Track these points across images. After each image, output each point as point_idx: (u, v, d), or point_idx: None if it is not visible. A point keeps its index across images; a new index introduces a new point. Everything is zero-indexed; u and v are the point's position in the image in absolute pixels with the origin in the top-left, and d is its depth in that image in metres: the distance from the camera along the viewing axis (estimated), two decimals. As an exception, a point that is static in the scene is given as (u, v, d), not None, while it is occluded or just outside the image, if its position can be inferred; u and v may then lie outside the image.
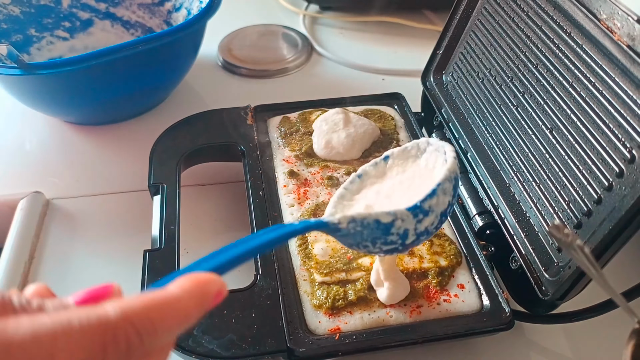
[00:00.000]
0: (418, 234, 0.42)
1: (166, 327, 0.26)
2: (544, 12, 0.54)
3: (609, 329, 0.50)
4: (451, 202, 0.44)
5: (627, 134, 0.43)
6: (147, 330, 0.25)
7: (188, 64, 0.79)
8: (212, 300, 0.28)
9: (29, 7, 0.83)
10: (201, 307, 0.28)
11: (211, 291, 0.28)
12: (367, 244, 0.41)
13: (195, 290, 0.28)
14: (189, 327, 0.27)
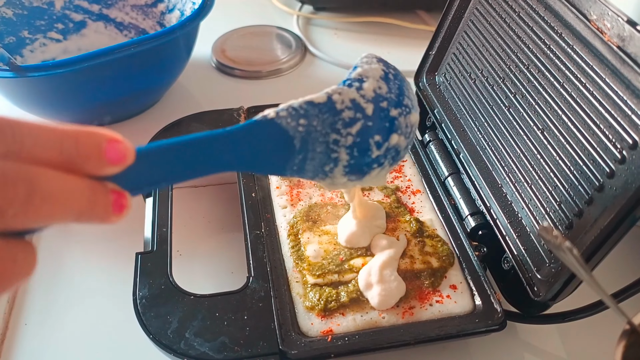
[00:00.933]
0: (372, 100, 0.39)
1: (35, 128, 0.25)
2: (535, 12, 0.54)
3: (602, 329, 0.50)
4: (386, 70, 0.41)
5: (617, 135, 0.43)
6: (8, 122, 0.24)
7: (181, 65, 0.79)
8: (103, 140, 0.27)
9: (21, 9, 0.83)
10: (87, 136, 0.26)
11: (102, 133, 0.27)
12: (333, 137, 0.38)
13: (82, 128, 0.27)
14: (80, 148, 0.26)
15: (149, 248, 0.53)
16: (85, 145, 0.26)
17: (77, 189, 0.26)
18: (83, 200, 0.26)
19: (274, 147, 0.37)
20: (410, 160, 0.63)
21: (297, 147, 0.37)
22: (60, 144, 0.25)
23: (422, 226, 0.55)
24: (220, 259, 0.60)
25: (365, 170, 0.41)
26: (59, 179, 0.25)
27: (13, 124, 0.24)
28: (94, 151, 0.26)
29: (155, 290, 0.49)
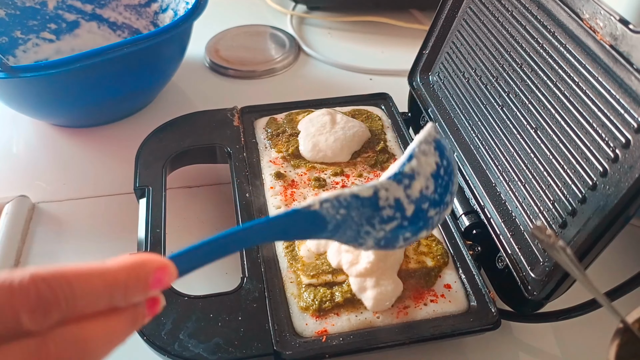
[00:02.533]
0: (415, 201, 0.38)
1: (87, 287, 0.25)
2: (528, 11, 0.54)
3: (596, 327, 0.50)
4: (439, 164, 0.40)
5: (610, 133, 0.44)
6: (61, 285, 0.24)
7: (175, 65, 0.79)
8: (150, 274, 0.28)
9: (14, 9, 0.82)
10: (136, 278, 0.27)
11: (148, 265, 0.28)
12: (366, 229, 0.38)
13: (130, 262, 0.27)
14: (128, 295, 0.27)
15: (143, 249, 0.53)
16: (137, 286, 0.27)
17: (121, 326, 0.28)
18: (125, 331, 0.28)
19: (307, 227, 0.37)
20: (405, 159, 0.63)
21: (329, 229, 0.37)
22: (109, 296, 0.27)
23: (417, 225, 0.55)
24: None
25: (391, 246, 0.40)
26: (106, 330, 0.27)
27: (65, 286, 0.25)
28: (144, 288, 0.28)
29: (149, 291, 0.49)
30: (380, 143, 0.64)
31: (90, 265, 0.26)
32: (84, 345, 0.26)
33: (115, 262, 0.27)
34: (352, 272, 0.49)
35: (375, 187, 0.37)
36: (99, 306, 0.26)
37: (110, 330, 0.27)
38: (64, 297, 0.25)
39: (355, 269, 0.49)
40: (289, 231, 0.37)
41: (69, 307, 0.25)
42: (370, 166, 0.62)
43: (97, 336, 0.26)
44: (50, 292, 0.24)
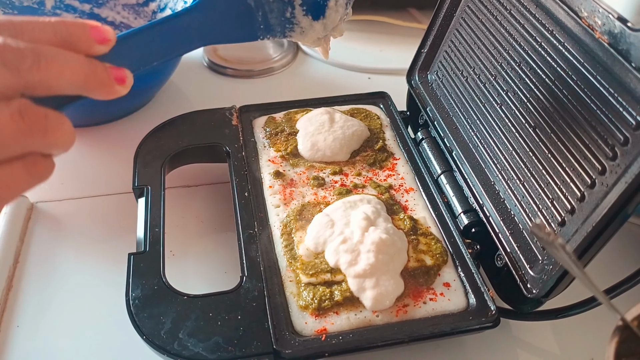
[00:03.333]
0: None
1: (32, 20, 0.31)
2: (526, 10, 0.54)
3: (595, 325, 0.50)
4: None
5: (608, 131, 0.44)
6: (13, 22, 0.30)
7: (173, 64, 0.79)
8: (87, 26, 0.33)
9: (12, 8, 0.82)
10: (76, 24, 0.32)
11: (86, 22, 0.33)
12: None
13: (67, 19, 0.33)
14: (71, 31, 0.32)
15: (142, 248, 0.53)
16: (74, 27, 0.32)
17: (76, 58, 0.31)
18: (84, 68, 0.32)
19: (235, 12, 0.40)
20: (403, 158, 0.63)
21: (253, 5, 0.41)
22: (53, 28, 0.31)
23: (416, 224, 0.55)
24: (214, 259, 0.60)
25: (321, 1, 0.43)
26: (60, 50, 0.31)
27: (10, 21, 0.30)
28: (82, 31, 0.32)
29: (148, 290, 0.49)
30: (379, 142, 0.64)
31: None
32: (37, 52, 0.30)
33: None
34: (350, 273, 0.49)
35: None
36: (45, 34, 0.31)
37: (64, 55, 0.31)
38: (10, 24, 0.30)
39: (354, 270, 0.49)
40: (222, 21, 0.41)
41: (15, 27, 0.30)
42: (369, 165, 0.62)
43: (51, 51, 0.30)
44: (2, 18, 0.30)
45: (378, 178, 0.60)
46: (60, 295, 0.57)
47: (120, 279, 0.50)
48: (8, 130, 0.29)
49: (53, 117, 0.31)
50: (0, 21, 0.30)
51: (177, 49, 0.39)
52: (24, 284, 0.57)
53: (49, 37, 0.31)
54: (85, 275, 0.59)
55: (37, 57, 0.30)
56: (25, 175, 0.31)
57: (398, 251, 0.50)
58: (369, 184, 0.59)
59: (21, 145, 0.30)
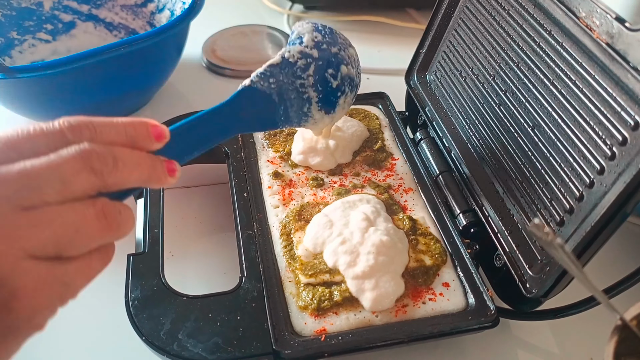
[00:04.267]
0: (313, 46, 0.51)
1: (104, 122, 0.35)
2: (524, 10, 0.54)
3: (594, 324, 0.50)
4: (315, 24, 0.53)
5: (607, 131, 0.44)
6: (85, 120, 0.35)
7: (172, 65, 0.79)
8: (148, 125, 0.38)
9: (10, 9, 0.82)
10: (139, 124, 0.37)
11: (146, 121, 0.38)
12: (299, 83, 0.50)
13: (131, 118, 0.38)
14: (137, 133, 0.37)
15: (141, 249, 0.53)
16: (140, 129, 0.37)
17: (142, 158, 0.37)
18: (148, 165, 0.37)
19: (261, 107, 0.49)
20: (402, 158, 0.63)
21: (277, 101, 0.49)
22: (124, 130, 0.36)
23: (415, 224, 0.55)
24: (213, 260, 0.60)
25: (333, 100, 0.52)
26: (130, 151, 0.36)
27: (90, 122, 0.35)
28: (145, 132, 0.37)
29: (147, 291, 0.49)
30: (378, 142, 0.64)
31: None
32: (113, 152, 0.34)
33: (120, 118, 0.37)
34: (349, 274, 0.49)
35: (280, 54, 0.50)
36: (119, 136, 0.36)
37: (134, 157, 0.36)
38: (91, 125, 0.35)
39: (353, 271, 0.49)
40: (251, 115, 0.49)
41: (96, 131, 0.35)
42: (369, 165, 0.62)
43: (126, 156, 0.35)
44: (80, 121, 0.35)
45: (377, 178, 0.60)
46: (60, 296, 0.57)
47: (119, 280, 0.50)
48: (94, 228, 0.34)
49: (124, 212, 0.36)
50: (81, 121, 0.35)
51: (214, 140, 0.45)
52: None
53: (122, 139, 0.36)
54: (84, 276, 0.59)
55: (116, 161, 0.34)
56: (99, 263, 0.35)
57: (399, 252, 0.51)
58: (368, 184, 0.59)
59: (102, 239, 0.35)
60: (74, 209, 0.33)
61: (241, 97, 0.48)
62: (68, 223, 0.32)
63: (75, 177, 0.33)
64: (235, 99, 0.48)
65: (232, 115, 0.47)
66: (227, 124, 0.47)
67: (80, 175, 0.33)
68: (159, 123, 0.39)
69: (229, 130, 0.47)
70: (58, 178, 0.32)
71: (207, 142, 0.44)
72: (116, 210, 0.35)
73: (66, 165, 0.33)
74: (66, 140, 0.34)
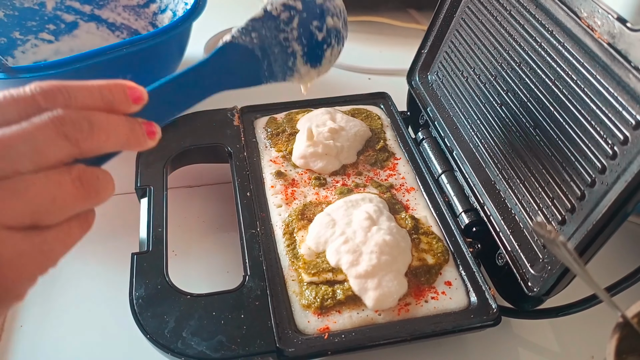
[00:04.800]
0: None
1: (79, 87, 0.34)
2: (526, 10, 0.54)
3: (595, 323, 0.50)
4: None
5: (608, 131, 0.44)
6: (58, 85, 0.33)
7: (174, 65, 0.79)
8: (125, 86, 0.37)
9: (12, 9, 0.82)
10: (115, 85, 0.36)
11: (123, 83, 0.37)
12: (283, 36, 0.47)
13: (107, 80, 0.37)
14: (115, 96, 0.36)
15: (145, 248, 0.53)
16: (116, 92, 0.36)
17: (119, 121, 0.35)
18: (126, 129, 0.36)
19: (243, 63, 0.46)
20: (404, 158, 0.63)
21: (260, 55, 0.47)
22: (100, 94, 0.35)
23: (418, 223, 0.55)
24: (216, 259, 0.60)
25: (319, 53, 0.50)
26: (107, 115, 0.35)
27: (63, 87, 0.34)
28: (123, 95, 0.36)
29: (151, 290, 0.49)
30: (380, 142, 0.64)
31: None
32: (88, 117, 0.33)
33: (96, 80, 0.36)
34: (351, 273, 0.49)
35: (262, 7, 0.47)
36: (94, 100, 0.34)
37: (111, 121, 0.35)
38: (65, 90, 0.33)
39: (356, 270, 0.49)
40: (233, 71, 0.46)
41: (69, 96, 0.33)
42: (371, 165, 0.62)
43: (101, 119, 0.34)
44: (53, 86, 0.33)
45: (379, 178, 0.61)
46: (64, 295, 0.57)
47: (123, 279, 0.51)
48: (71, 196, 0.33)
49: (102, 178, 0.35)
50: (54, 86, 0.34)
51: (195, 98, 0.44)
52: (27, 284, 0.58)
53: (97, 103, 0.35)
54: (88, 275, 0.59)
55: (91, 126, 0.33)
56: (78, 230, 0.35)
57: (402, 251, 0.51)
58: (370, 183, 0.60)
59: (80, 206, 0.34)
60: (48, 177, 0.32)
61: (222, 54, 0.45)
62: (43, 192, 0.32)
63: (49, 145, 0.32)
64: (216, 56, 0.45)
65: (213, 73, 0.45)
66: (208, 83, 0.45)
67: (54, 143, 0.32)
68: (136, 84, 0.38)
69: (209, 89, 0.45)
70: (31, 147, 0.31)
71: (187, 102, 0.43)
72: (94, 176, 0.34)
73: (39, 133, 0.32)
74: (38, 107, 0.33)
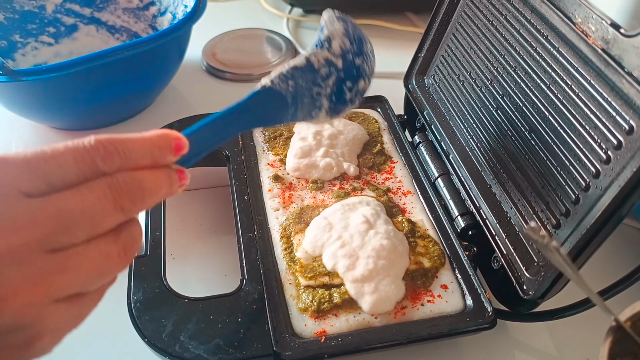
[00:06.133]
0: (340, 55, 0.48)
1: (134, 144, 0.35)
2: (521, 15, 0.55)
3: (591, 325, 0.51)
4: (345, 27, 0.49)
5: (602, 135, 0.44)
6: (117, 142, 0.34)
7: (174, 68, 0.80)
8: (171, 139, 0.37)
9: (12, 12, 0.83)
10: (164, 140, 0.37)
11: (169, 134, 0.37)
12: (316, 90, 0.47)
13: (157, 132, 0.37)
14: (162, 151, 0.37)
15: (143, 252, 0.53)
16: (165, 147, 0.37)
17: (164, 179, 0.37)
18: (167, 184, 0.37)
19: (273, 106, 0.47)
20: (401, 161, 0.64)
21: (289, 102, 0.47)
22: (151, 152, 0.36)
23: (414, 227, 0.55)
24: (214, 262, 0.60)
25: (340, 109, 0.50)
26: (155, 177, 0.36)
27: (120, 145, 0.34)
28: (170, 151, 0.37)
29: (149, 294, 0.50)
30: (377, 145, 0.65)
31: (132, 134, 0.36)
32: (140, 184, 0.35)
33: (147, 133, 0.37)
34: (348, 277, 0.50)
35: (306, 56, 0.47)
36: (145, 159, 0.36)
37: (156, 177, 0.36)
38: (121, 149, 0.34)
39: (352, 274, 0.49)
40: (262, 114, 0.47)
41: (125, 156, 0.34)
42: (368, 168, 0.62)
43: (148, 179, 0.36)
44: (111, 145, 0.34)
45: (376, 181, 0.61)
46: (62, 298, 0.57)
47: (121, 283, 0.50)
48: (116, 267, 0.34)
49: (139, 239, 0.36)
50: (111, 144, 0.34)
51: (224, 139, 0.45)
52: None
53: (148, 161, 0.36)
54: (86, 278, 0.59)
55: (143, 193, 0.35)
56: (107, 287, 0.36)
57: (399, 255, 0.51)
58: (367, 186, 0.60)
59: (119, 272, 0.35)
60: (100, 250, 0.33)
61: (258, 97, 0.46)
62: (93, 267, 0.33)
63: (105, 218, 0.33)
64: (252, 99, 0.46)
65: (245, 115, 0.46)
66: (237, 124, 0.46)
67: (110, 215, 0.33)
68: (180, 135, 0.38)
69: (236, 130, 0.46)
70: (89, 220, 0.32)
71: (215, 143, 0.44)
72: (135, 241, 0.35)
73: (98, 204, 0.33)
74: (96, 168, 0.34)
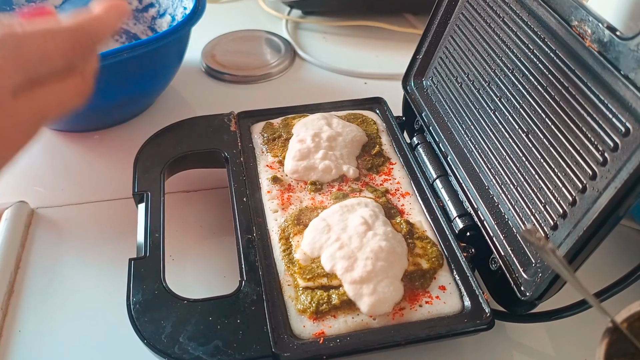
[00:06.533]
0: None
1: (102, 34, 0.41)
2: (518, 17, 0.55)
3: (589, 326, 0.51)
4: None
5: (599, 137, 0.45)
6: (95, 33, 0.40)
7: (173, 70, 0.80)
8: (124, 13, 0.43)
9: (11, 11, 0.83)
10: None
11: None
12: None
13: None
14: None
15: (142, 254, 0.53)
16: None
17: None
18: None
19: None
20: (399, 163, 0.64)
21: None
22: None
23: (413, 228, 0.56)
24: (213, 264, 0.60)
25: None
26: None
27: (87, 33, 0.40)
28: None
29: (148, 295, 0.50)
30: (376, 147, 0.65)
31: (97, 14, 0.41)
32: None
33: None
34: (346, 279, 0.50)
35: None
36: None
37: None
38: (94, 43, 0.41)
39: (350, 276, 0.50)
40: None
41: (93, 48, 0.41)
42: (367, 169, 0.63)
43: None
44: (90, 40, 0.41)
45: (374, 182, 0.61)
46: (62, 300, 0.58)
47: (120, 284, 0.51)
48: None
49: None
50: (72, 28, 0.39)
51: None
52: (25, 289, 0.58)
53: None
54: (86, 280, 0.60)
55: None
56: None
57: (398, 257, 0.51)
58: (365, 188, 0.60)
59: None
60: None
61: None
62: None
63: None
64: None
65: None
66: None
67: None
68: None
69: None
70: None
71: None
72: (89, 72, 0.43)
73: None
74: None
